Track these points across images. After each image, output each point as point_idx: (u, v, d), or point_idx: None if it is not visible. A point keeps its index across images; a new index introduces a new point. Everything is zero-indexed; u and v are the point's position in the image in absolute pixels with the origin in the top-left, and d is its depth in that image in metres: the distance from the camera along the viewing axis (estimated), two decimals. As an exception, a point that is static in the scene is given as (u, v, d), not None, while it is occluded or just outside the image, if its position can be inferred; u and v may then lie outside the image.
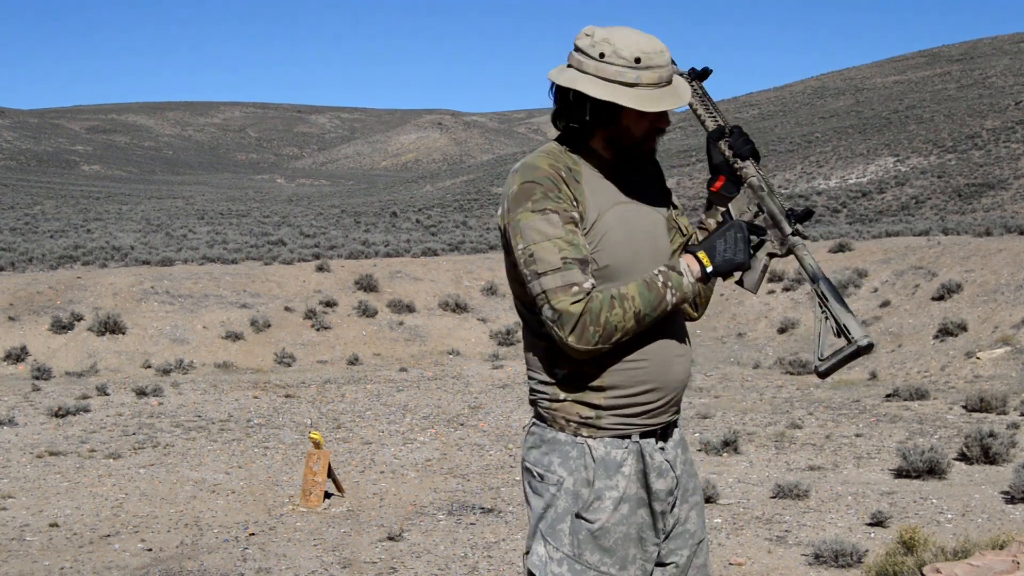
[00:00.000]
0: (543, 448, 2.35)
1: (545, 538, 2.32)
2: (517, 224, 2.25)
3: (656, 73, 2.27)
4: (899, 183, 41.61)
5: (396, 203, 57.08)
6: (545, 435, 2.36)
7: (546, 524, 2.32)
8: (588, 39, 2.31)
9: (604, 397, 2.31)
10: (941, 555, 4.80)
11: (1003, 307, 13.06)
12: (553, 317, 2.21)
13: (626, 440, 2.34)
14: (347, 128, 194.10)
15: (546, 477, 2.33)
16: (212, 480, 8.09)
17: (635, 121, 2.32)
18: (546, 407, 2.36)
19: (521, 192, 2.26)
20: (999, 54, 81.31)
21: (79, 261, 21.00)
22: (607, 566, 2.31)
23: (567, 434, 2.33)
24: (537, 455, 2.37)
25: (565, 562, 2.30)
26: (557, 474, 2.32)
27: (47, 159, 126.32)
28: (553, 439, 2.34)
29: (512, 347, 15.92)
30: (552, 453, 2.34)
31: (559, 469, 2.32)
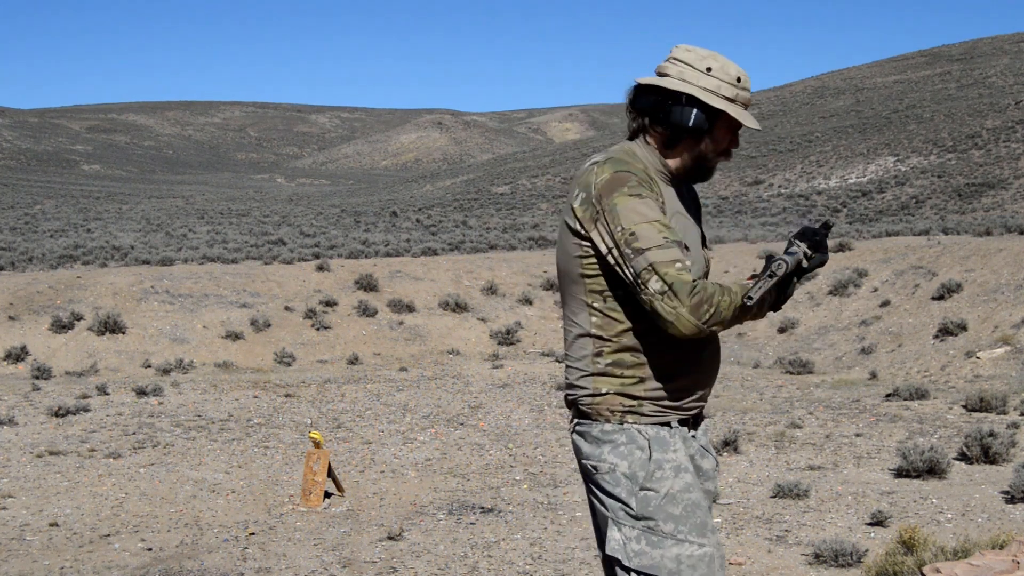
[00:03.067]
0: (592, 442, 2.43)
1: (617, 523, 2.39)
2: (613, 208, 2.32)
3: (747, 95, 2.46)
4: (899, 183, 41.60)
5: (396, 203, 57.08)
6: (591, 430, 2.43)
7: (615, 508, 2.40)
8: (692, 53, 2.45)
9: (644, 389, 2.41)
10: (941, 555, 4.80)
11: (1003, 307, 13.05)
12: (662, 289, 2.23)
13: (665, 427, 2.45)
14: (347, 128, 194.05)
15: (600, 468, 2.41)
16: (212, 480, 8.09)
17: (723, 136, 2.48)
18: (588, 403, 2.43)
19: (614, 179, 2.35)
20: (999, 54, 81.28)
21: (79, 261, 21.00)
22: (683, 533, 2.37)
23: (613, 424, 2.41)
24: (589, 449, 2.44)
25: (643, 537, 2.36)
26: (609, 462, 2.40)
27: (47, 159, 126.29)
28: (600, 432, 2.42)
29: (512, 347, 15.92)
30: (602, 445, 2.41)
31: (610, 457, 2.40)
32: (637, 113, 2.49)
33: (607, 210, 2.32)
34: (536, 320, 16.96)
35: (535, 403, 11.62)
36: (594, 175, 2.38)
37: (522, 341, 16.15)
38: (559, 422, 10.55)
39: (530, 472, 8.46)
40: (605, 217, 2.33)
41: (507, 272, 18.58)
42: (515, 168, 73.04)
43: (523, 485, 8.03)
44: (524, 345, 16.06)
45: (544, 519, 7.02)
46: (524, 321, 16.74)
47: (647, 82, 2.45)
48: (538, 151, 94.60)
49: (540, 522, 6.94)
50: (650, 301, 2.26)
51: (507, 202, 53.29)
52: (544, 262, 19.48)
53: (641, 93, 2.47)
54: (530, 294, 17.65)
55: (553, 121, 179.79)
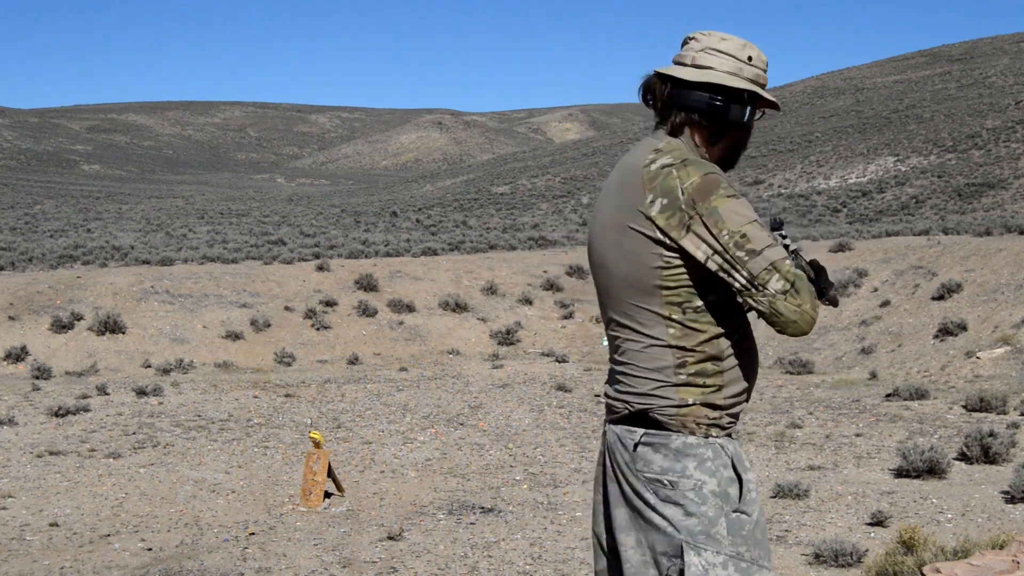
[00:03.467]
0: (670, 455, 2.27)
1: (698, 546, 2.23)
2: (714, 211, 2.20)
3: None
4: (899, 183, 41.60)
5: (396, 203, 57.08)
6: (670, 442, 2.28)
7: (695, 531, 2.24)
8: (730, 42, 2.34)
9: (722, 397, 2.31)
10: (941, 555, 4.80)
11: (1003, 307, 13.05)
12: (784, 288, 2.18)
13: (731, 437, 2.37)
14: (347, 128, 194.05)
15: (680, 484, 2.25)
16: (212, 480, 8.09)
17: (752, 127, 2.41)
18: (671, 414, 2.29)
19: (706, 182, 2.23)
20: (999, 54, 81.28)
21: (79, 261, 21.00)
22: (762, 559, 2.28)
23: (698, 437, 2.28)
24: (664, 463, 2.27)
25: (730, 563, 2.23)
26: (695, 478, 2.25)
27: (47, 159, 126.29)
28: (683, 444, 2.27)
29: (512, 347, 15.92)
30: (684, 459, 2.27)
31: (697, 473, 2.26)
32: (682, 110, 2.34)
33: (706, 214, 2.20)
34: (536, 320, 16.95)
35: (535, 403, 11.62)
36: (677, 179, 2.24)
37: (522, 341, 16.15)
38: (559, 422, 10.55)
39: (530, 472, 8.46)
40: (705, 222, 2.20)
41: (507, 272, 18.58)
42: (515, 168, 73.05)
43: (523, 485, 8.03)
44: (524, 345, 16.06)
45: (544, 519, 7.02)
46: (524, 321, 16.74)
47: (705, 79, 2.31)
48: (538, 151, 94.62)
49: (540, 522, 6.94)
50: (770, 302, 2.19)
51: (507, 202, 53.30)
52: (544, 262, 19.48)
53: (683, 87, 2.33)
54: (530, 294, 17.65)
55: (553, 121, 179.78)
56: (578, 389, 12.53)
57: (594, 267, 2.45)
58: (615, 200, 2.36)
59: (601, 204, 2.43)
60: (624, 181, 2.35)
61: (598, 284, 2.45)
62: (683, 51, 2.39)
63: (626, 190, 2.33)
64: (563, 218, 42.68)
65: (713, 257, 2.21)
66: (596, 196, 2.59)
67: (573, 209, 48.22)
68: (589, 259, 2.49)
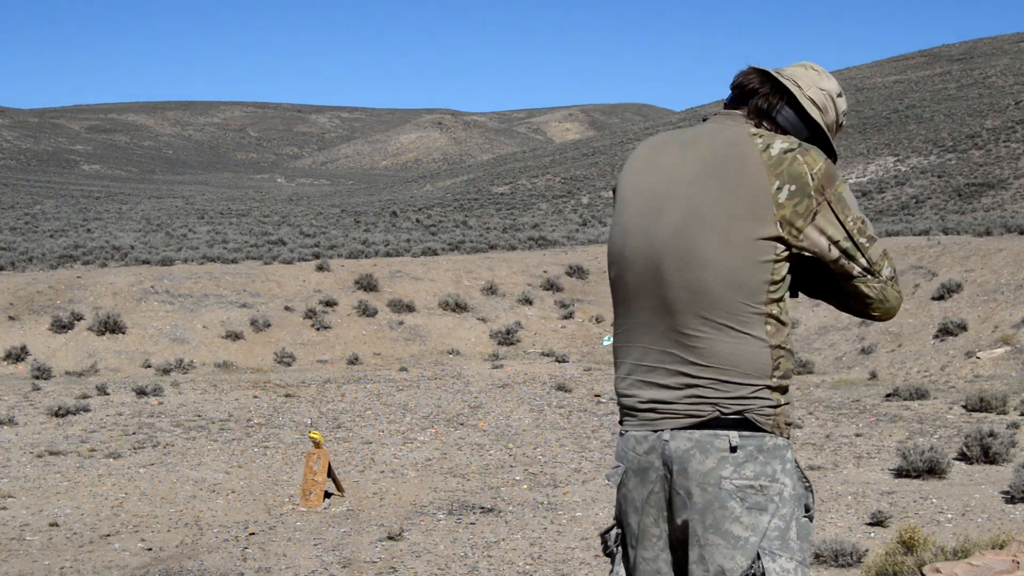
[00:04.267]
0: (761, 458, 2.16)
1: (774, 552, 2.14)
2: (841, 197, 2.19)
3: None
4: (899, 183, 41.61)
5: (396, 203, 57.06)
6: (764, 444, 2.17)
7: (773, 537, 2.15)
8: (841, 100, 2.41)
9: (788, 396, 2.27)
10: (941, 555, 4.80)
11: (1003, 307, 13.05)
12: (891, 274, 2.26)
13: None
14: (347, 128, 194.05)
15: (768, 489, 2.15)
16: (212, 480, 8.09)
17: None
18: (769, 414, 2.18)
19: (830, 168, 2.21)
20: (999, 54, 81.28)
21: (79, 261, 21.00)
22: (810, 560, 2.24)
23: (783, 438, 2.20)
24: (756, 468, 2.16)
25: (799, 569, 2.17)
26: (780, 482, 2.17)
27: (47, 159, 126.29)
28: (773, 447, 2.18)
29: (512, 347, 15.92)
30: (773, 461, 2.17)
31: (782, 476, 2.18)
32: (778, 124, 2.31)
33: (834, 200, 2.17)
34: (536, 320, 16.95)
35: (535, 403, 11.62)
36: (804, 165, 2.16)
37: (522, 341, 16.15)
38: (559, 422, 10.55)
39: (530, 472, 8.46)
40: (832, 207, 2.17)
41: (507, 272, 18.58)
42: (515, 168, 73.05)
43: (523, 485, 8.03)
44: (524, 345, 16.06)
45: (544, 519, 7.02)
46: (524, 321, 16.74)
47: (816, 120, 2.34)
48: (538, 151, 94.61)
49: (540, 522, 6.94)
50: (882, 287, 2.24)
51: (507, 202, 53.30)
52: (544, 262, 19.48)
53: (792, 107, 2.32)
54: (530, 294, 17.65)
55: (553, 121, 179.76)
56: (578, 389, 12.52)
57: (665, 266, 2.20)
58: (710, 187, 2.18)
59: (671, 194, 2.22)
60: (725, 165, 2.19)
61: (673, 282, 2.19)
62: (802, 73, 2.37)
63: (731, 176, 2.17)
64: (563, 218, 42.68)
65: (839, 243, 2.19)
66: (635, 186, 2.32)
67: (573, 209, 48.23)
68: (632, 257, 2.26)
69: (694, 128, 2.33)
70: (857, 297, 2.27)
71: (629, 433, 2.26)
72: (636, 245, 2.24)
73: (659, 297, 2.20)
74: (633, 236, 2.25)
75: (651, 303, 2.22)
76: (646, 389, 2.24)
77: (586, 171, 61.12)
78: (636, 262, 2.24)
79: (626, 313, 2.29)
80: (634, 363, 2.27)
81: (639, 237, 2.24)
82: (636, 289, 2.25)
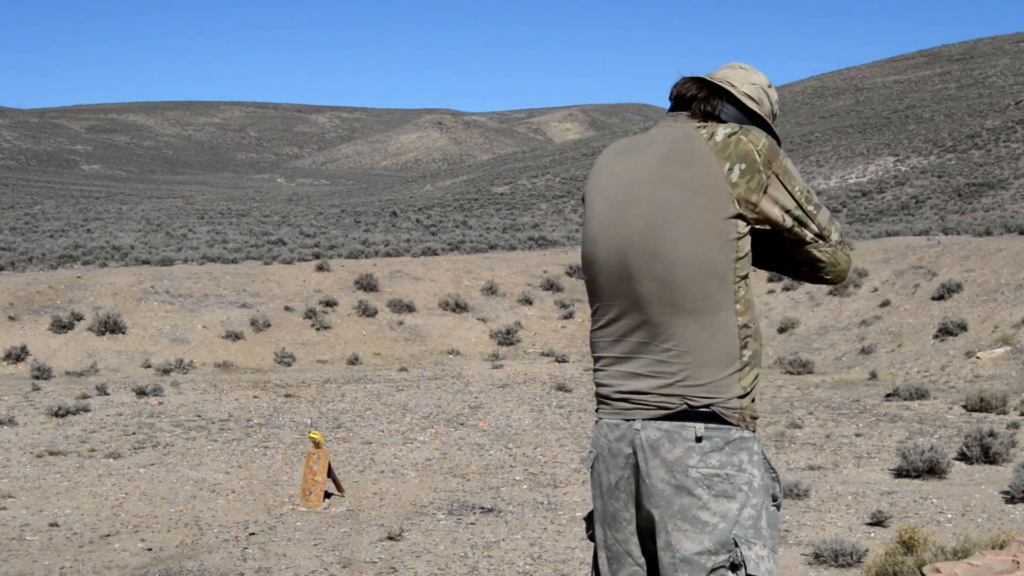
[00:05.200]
0: (727, 449, 2.26)
1: (749, 540, 2.25)
2: (786, 169, 2.32)
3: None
4: (899, 183, 41.60)
5: (396, 203, 57.06)
6: (729, 435, 2.26)
7: (744, 526, 2.24)
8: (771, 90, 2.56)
9: (750, 382, 2.33)
10: (941, 555, 4.80)
11: (1003, 307, 13.05)
12: (840, 238, 2.39)
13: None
14: (347, 128, 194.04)
15: (735, 478, 2.25)
16: (212, 480, 8.09)
17: None
18: (735, 407, 2.27)
19: (772, 144, 2.33)
20: (999, 54, 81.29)
21: (79, 261, 21.00)
22: (778, 546, 2.34)
23: (748, 431, 2.29)
24: (721, 458, 2.25)
25: (771, 556, 2.28)
26: (748, 472, 2.26)
27: (47, 159, 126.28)
28: (739, 439, 2.27)
29: (512, 347, 15.92)
30: (739, 452, 2.27)
31: (749, 467, 2.27)
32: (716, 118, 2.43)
33: (781, 172, 2.30)
34: (536, 320, 16.95)
35: (535, 403, 11.62)
36: (749, 144, 2.28)
37: (522, 341, 16.15)
38: (559, 422, 10.55)
39: (530, 472, 8.46)
40: (780, 180, 2.30)
41: (507, 272, 18.58)
42: (515, 168, 73.05)
43: (523, 485, 8.03)
44: (524, 345, 16.06)
45: (544, 519, 7.02)
46: (524, 321, 16.74)
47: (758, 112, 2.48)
48: (538, 151, 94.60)
49: (540, 522, 6.95)
50: (833, 251, 2.38)
51: (507, 202, 53.31)
52: (544, 262, 19.48)
53: (733, 105, 2.46)
54: (530, 294, 17.65)
55: (553, 121, 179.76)
56: (578, 389, 12.53)
57: (634, 263, 2.30)
58: (668, 183, 2.29)
59: (634, 195, 2.33)
60: (678, 160, 2.30)
61: (643, 277, 2.29)
62: (732, 73, 2.51)
63: (686, 168, 2.28)
64: (563, 218, 42.68)
65: (790, 212, 2.32)
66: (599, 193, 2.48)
67: (573, 209, 48.21)
68: (603, 260, 2.37)
69: (647, 133, 2.48)
70: (810, 262, 2.41)
71: (603, 421, 2.39)
72: (606, 248, 2.36)
73: (631, 293, 2.32)
74: (602, 240, 2.38)
75: (623, 300, 2.34)
76: (620, 380, 2.36)
77: (586, 171, 61.05)
78: (606, 264, 2.38)
79: (600, 309, 2.41)
80: (608, 355, 2.40)
81: (608, 240, 2.36)
82: (609, 289, 2.37)
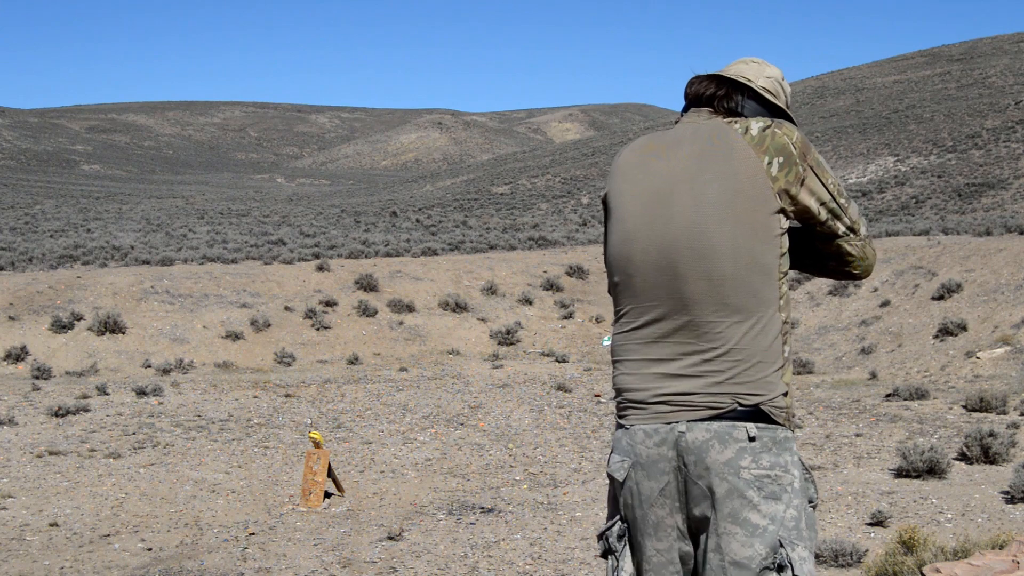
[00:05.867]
0: (774, 450, 2.21)
1: (793, 542, 2.19)
2: (819, 162, 2.31)
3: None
4: (899, 183, 41.60)
5: (396, 203, 57.05)
6: (777, 435, 2.22)
7: (788, 528, 2.20)
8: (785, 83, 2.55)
9: (791, 380, 2.31)
10: (941, 555, 4.80)
11: (1003, 307, 13.05)
12: (868, 232, 2.40)
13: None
14: (347, 128, 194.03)
15: (782, 479, 2.20)
16: (212, 480, 8.09)
17: None
18: (781, 406, 2.23)
19: (804, 137, 2.31)
20: (999, 54, 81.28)
21: (79, 261, 21.00)
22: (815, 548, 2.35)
23: (791, 431, 2.26)
24: (771, 459, 2.20)
25: (811, 558, 2.23)
26: (791, 473, 2.22)
27: (47, 159, 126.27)
28: (784, 439, 2.23)
29: (512, 347, 15.92)
30: (784, 453, 2.23)
31: (792, 468, 2.23)
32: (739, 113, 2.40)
33: (815, 165, 2.28)
34: (536, 320, 16.95)
35: (535, 403, 11.62)
36: (785, 137, 2.26)
37: (522, 341, 16.15)
38: (559, 422, 10.55)
39: (530, 472, 8.46)
40: (815, 172, 2.28)
41: (507, 272, 18.58)
42: (515, 168, 73.04)
43: (523, 485, 8.03)
44: (524, 345, 16.06)
45: (544, 519, 7.02)
46: (524, 321, 16.74)
47: (777, 104, 2.46)
48: (538, 151, 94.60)
49: (540, 522, 6.94)
50: (863, 245, 2.38)
51: (507, 202, 53.29)
52: (544, 262, 19.47)
53: (754, 100, 2.43)
54: (530, 294, 17.65)
55: (553, 121, 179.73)
56: (578, 389, 12.52)
57: (681, 262, 2.23)
58: (710, 178, 2.24)
59: (674, 192, 2.26)
60: (717, 156, 2.26)
61: (691, 276, 2.22)
62: (746, 68, 2.48)
63: (726, 163, 2.24)
64: (563, 218, 42.68)
65: (825, 205, 2.31)
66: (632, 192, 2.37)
67: (573, 209, 48.22)
68: (642, 260, 2.28)
69: (672, 130, 2.41)
70: (839, 257, 2.39)
71: (636, 427, 2.27)
72: (644, 248, 2.27)
73: (676, 293, 2.23)
74: (640, 240, 2.28)
75: (667, 300, 2.24)
76: (658, 383, 2.25)
77: (586, 171, 61.11)
78: (646, 264, 2.27)
79: (634, 311, 2.31)
80: (642, 358, 2.29)
81: (648, 240, 2.27)
82: (648, 290, 2.28)
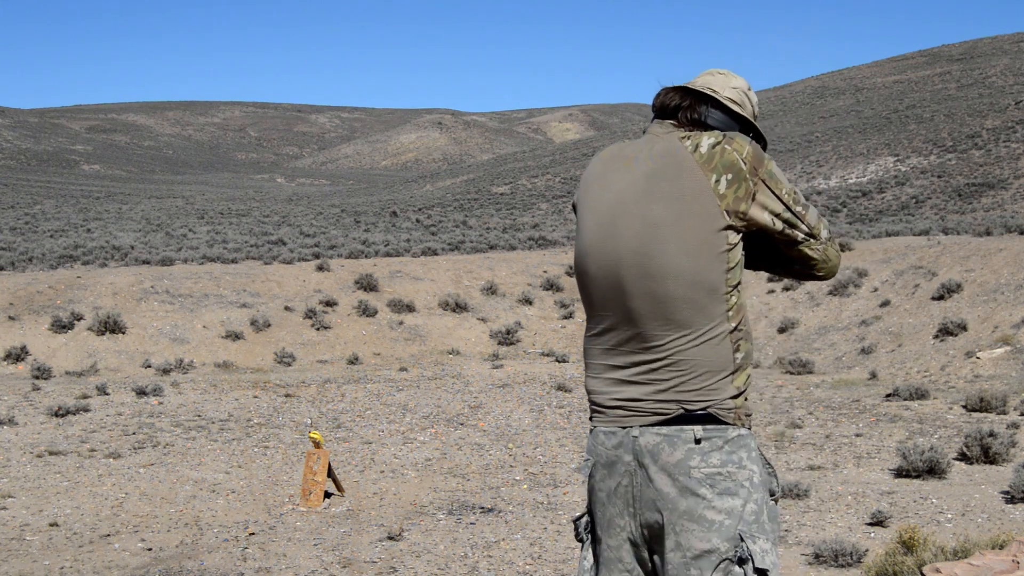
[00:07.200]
0: (726, 448, 2.30)
1: (754, 535, 2.29)
2: (772, 174, 2.35)
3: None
4: (899, 183, 41.60)
5: (396, 203, 57.04)
6: (727, 434, 2.31)
7: (748, 521, 2.29)
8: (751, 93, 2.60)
9: (747, 383, 2.39)
10: (941, 555, 4.80)
11: (1003, 307, 13.05)
12: (829, 235, 2.45)
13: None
14: (347, 128, 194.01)
15: (736, 475, 2.30)
16: (212, 480, 8.09)
17: None
18: (729, 407, 2.32)
19: (757, 149, 2.35)
20: (999, 54, 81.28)
21: (79, 261, 21.00)
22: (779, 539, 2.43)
23: (744, 428, 2.34)
24: (722, 457, 2.30)
25: (774, 549, 2.32)
26: (748, 469, 2.31)
27: (47, 159, 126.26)
28: (737, 437, 2.32)
29: (512, 347, 15.91)
30: (739, 450, 2.31)
31: (748, 464, 2.32)
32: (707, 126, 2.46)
33: (768, 178, 2.33)
34: (536, 320, 16.95)
35: (535, 403, 11.62)
36: (735, 153, 2.29)
37: (522, 341, 16.15)
38: (559, 422, 10.55)
39: (530, 472, 8.46)
40: (767, 185, 2.32)
41: (507, 272, 18.58)
42: (515, 168, 73.04)
43: (523, 485, 8.03)
44: (524, 345, 16.06)
45: (544, 519, 7.02)
46: (524, 321, 16.74)
47: (743, 114, 2.52)
48: (538, 151, 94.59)
49: (540, 522, 6.94)
50: (824, 248, 2.43)
51: (507, 202, 53.29)
52: (544, 262, 19.47)
53: (719, 109, 2.49)
54: (530, 294, 17.65)
55: (553, 121, 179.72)
56: (578, 389, 12.52)
57: (626, 279, 2.32)
58: (657, 199, 2.30)
59: (624, 212, 2.34)
60: (665, 175, 2.31)
61: (635, 293, 2.30)
62: (712, 79, 2.54)
63: (673, 183, 2.30)
64: (563, 218, 42.68)
65: (779, 216, 2.35)
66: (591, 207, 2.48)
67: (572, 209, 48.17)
68: (595, 274, 2.38)
69: (634, 143, 2.48)
70: (802, 260, 2.46)
71: (598, 429, 2.41)
72: (597, 263, 2.38)
73: (624, 307, 2.33)
74: (593, 256, 2.39)
75: (616, 313, 2.35)
76: (614, 388, 2.37)
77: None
78: (598, 278, 2.38)
79: (593, 319, 2.45)
80: (601, 363, 2.41)
81: (599, 255, 2.37)
82: (601, 301, 2.38)
